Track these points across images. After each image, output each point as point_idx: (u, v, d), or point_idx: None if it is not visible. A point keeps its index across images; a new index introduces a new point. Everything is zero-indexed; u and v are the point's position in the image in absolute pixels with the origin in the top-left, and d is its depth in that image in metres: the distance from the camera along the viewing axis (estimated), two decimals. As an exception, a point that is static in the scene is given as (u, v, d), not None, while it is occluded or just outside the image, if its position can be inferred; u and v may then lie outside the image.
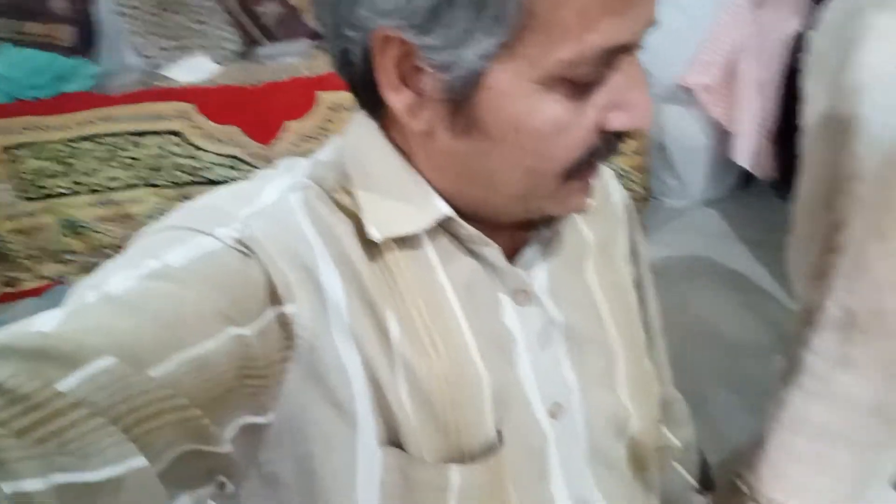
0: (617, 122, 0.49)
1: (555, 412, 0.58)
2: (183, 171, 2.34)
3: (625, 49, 0.47)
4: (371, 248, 0.53)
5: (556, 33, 0.44)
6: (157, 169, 2.34)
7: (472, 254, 0.56)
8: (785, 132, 2.53)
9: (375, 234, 0.52)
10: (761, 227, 2.52)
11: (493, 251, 0.55)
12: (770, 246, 2.37)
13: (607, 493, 0.61)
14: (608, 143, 0.50)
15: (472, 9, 0.44)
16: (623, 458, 0.63)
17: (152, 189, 2.37)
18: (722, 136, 2.67)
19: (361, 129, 0.57)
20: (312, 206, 0.53)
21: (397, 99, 0.50)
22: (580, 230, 0.63)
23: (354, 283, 0.52)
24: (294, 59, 2.55)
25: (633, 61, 0.48)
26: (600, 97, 0.48)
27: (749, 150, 2.54)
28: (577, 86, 0.47)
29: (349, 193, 0.54)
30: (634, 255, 0.71)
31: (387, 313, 0.52)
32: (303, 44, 2.63)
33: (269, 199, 0.53)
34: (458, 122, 0.49)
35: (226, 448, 0.45)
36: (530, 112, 0.47)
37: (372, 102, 0.53)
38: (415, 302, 0.53)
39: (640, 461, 0.65)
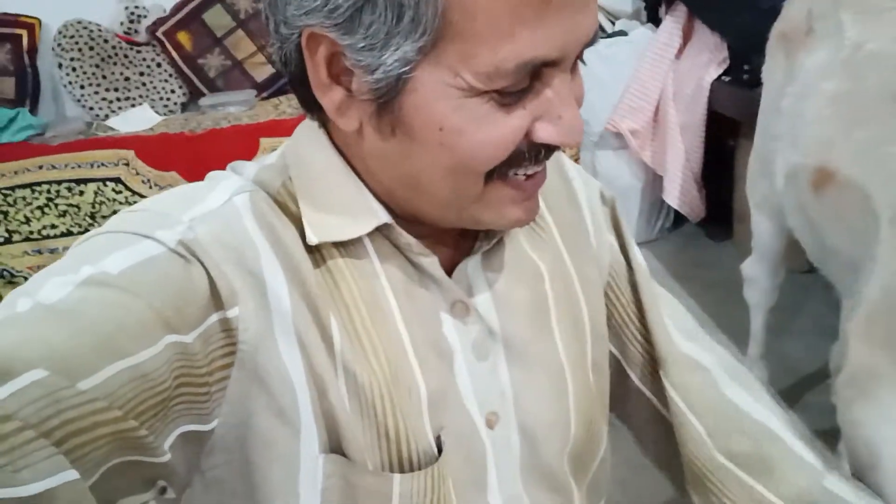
0: (544, 134, 0.49)
1: (491, 421, 0.58)
2: (122, 218, 2.35)
3: (550, 63, 0.47)
4: (314, 252, 0.53)
5: (472, 43, 0.44)
6: (94, 216, 2.34)
7: (412, 263, 0.56)
8: (709, 175, 2.65)
9: (312, 237, 0.52)
10: (690, 265, 2.62)
11: (431, 261, 0.55)
12: (698, 282, 2.46)
13: (538, 500, 0.61)
14: (534, 151, 0.50)
15: (392, 12, 0.44)
16: (564, 469, 0.62)
17: (90, 236, 2.36)
18: (653, 179, 2.78)
19: (307, 133, 0.57)
20: (259, 209, 0.53)
21: (327, 97, 0.50)
22: (525, 249, 0.63)
23: (299, 288, 0.51)
24: (236, 109, 2.60)
25: (564, 78, 0.48)
26: (530, 105, 0.48)
27: (678, 192, 2.65)
28: (504, 94, 0.47)
29: (292, 197, 0.54)
30: (624, 254, 0.70)
31: (330, 318, 0.51)
32: (245, 94, 2.68)
33: (217, 202, 0.52)
34: (384, 123, 0.49)
35: (164, 458, 0.44)
36: (453, 112, 0.47)
37: (309, 101, 0.52)
38: (357, 307, 0.53)
39: (581, 469, 0.65)
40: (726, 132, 2.57)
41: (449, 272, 0.58)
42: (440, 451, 0.54)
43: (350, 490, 0.51)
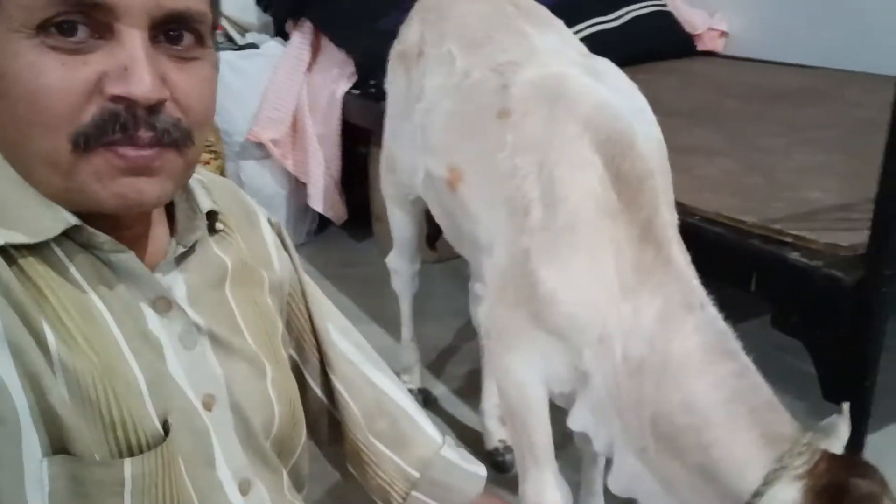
0: (113, 87, 0.52)
1: (209, 404, 0.62)
2: None
3: (104, 10, 0.51)
4: (11, 261, 0.53)
5: None
6: None
7: (106, 262, 0.58)
8: (348, 180, 2.88)
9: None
10: (339, 264, 2.81)
11: (128, 258, 0.58)
12: (348, 279, 2.65)
13: (262, 479, 0.67)
14: (115, 117, 0.52)
15: None
16: (269, 448, 0.69)
17: None
18: (296, 187, 2.91)
19: None
20: None
21: None
22: (216, 254, 0.68)
23: (5, 296, 0.51)
24: None
25: (134, 36, 0.52)
26: (98, 61, 0.51)
27: (321, 198, 2.82)
28: (58, 38, 0.50)
29: None
30: (294, 269, 0.79)
31: (41, 323, 0.52)
32: None
33: None
34: None
35: None
36: (13, 58, 0.50)
37: None
38: (65, 309, 0.54)
39: (285, 453, 0.72)
40: (360, 140, 2.81)
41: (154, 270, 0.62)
42: (168, 433, 0.58)
43: (79, 487, 0.53)
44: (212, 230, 0.69)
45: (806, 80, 2.36)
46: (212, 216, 0.68)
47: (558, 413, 1.11)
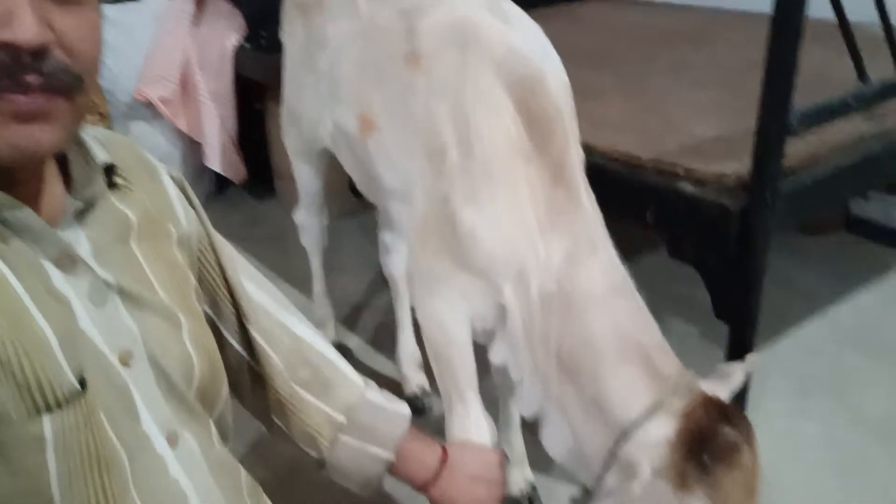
0: None
1: (126, 359, 0.63)
2: None
3: None
4: None
5: None
6: None
7: (5, 221, 0.57)
8: (245, 137, 2.80)
9: None
10: (242, 225, 2.75)
11: (25, 214, 0.58)
12: (252, 238, 2.60)
13: (190, 430, 0.68)
14: (4, 66, 0.52)
15: None
16: (193, 399, 0.70)
17: None
18: (191, 146, 2.81)
19: None
20: None
21: None
22: (118, 209, 0.68)
23: None
24: None
25: None
26: None
27: (218, 156, 2.74)
28: None
29: None
30: (201, 223, 0.79)
31: None
32: None
33: None
34: None
35: None
36: None
37: None
38: None
39: (208, 403, 0.73)
40: (255, 96, 2.74)
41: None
42: (85, 388, 0.58)
43: (0, 448, 0.53)
44: (111, 185, 0.68)
45: (688, 21, 2.46)
46: (109, 171, 0.67)
47: (476, 351, 1.16)
